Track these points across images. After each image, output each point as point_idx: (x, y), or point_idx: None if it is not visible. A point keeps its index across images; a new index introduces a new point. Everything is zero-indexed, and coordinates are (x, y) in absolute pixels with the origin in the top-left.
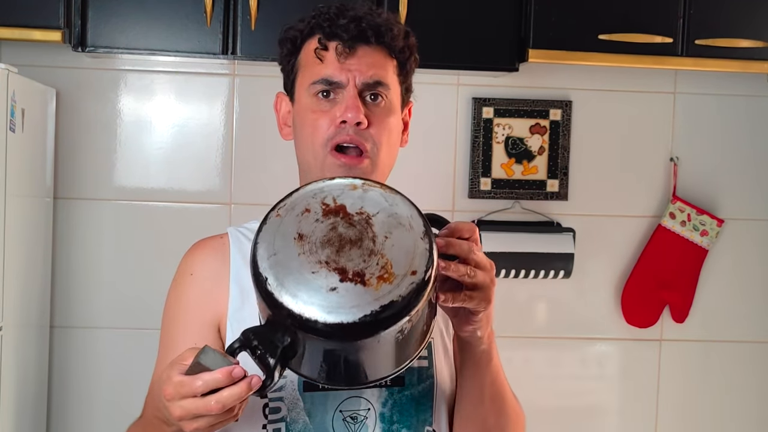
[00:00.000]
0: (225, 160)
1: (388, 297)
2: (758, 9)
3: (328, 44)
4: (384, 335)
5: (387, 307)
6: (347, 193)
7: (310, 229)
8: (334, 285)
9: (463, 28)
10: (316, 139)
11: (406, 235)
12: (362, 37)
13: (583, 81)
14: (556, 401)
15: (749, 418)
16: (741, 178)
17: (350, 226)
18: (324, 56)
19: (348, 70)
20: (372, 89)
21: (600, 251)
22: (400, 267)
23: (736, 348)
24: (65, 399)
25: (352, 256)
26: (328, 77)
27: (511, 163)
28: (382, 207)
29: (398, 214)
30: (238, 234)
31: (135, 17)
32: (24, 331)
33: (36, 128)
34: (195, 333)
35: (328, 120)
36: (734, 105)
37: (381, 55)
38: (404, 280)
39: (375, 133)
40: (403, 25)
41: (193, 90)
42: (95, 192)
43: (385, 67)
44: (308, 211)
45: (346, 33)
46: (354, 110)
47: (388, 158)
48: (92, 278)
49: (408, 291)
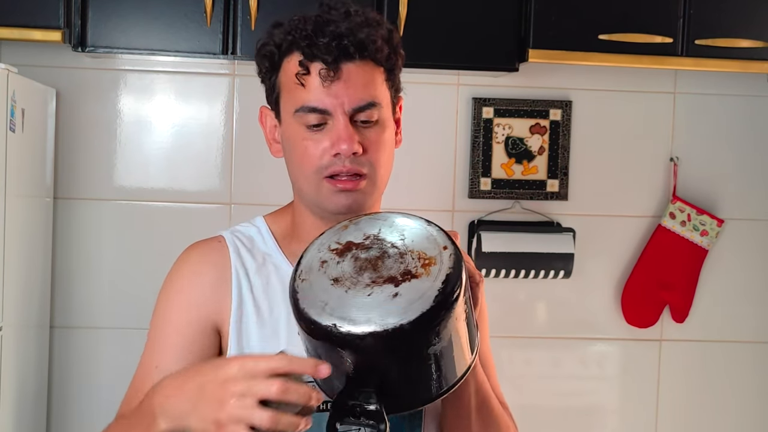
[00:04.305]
0: (225, 160)
1: (442, 274)
2: (758, 9)
3: (309, 66)
4: (458, 310)
5: (447, 281)
6: (343, 233)
7: (339, 272)
8: (394, 292)
9: (463, 27)
10: (308, 168)
11: (416, 230)
12: (345, 55)
13: (583, 81)
14: (557, 401)
15: (749, 418)
16: (741, 178)
17: (367, 250)
18: (306, 81)
19: (335, 95)
20: (363, 112)
21: (600, 251)
22: (432, 250)
23: (736, 348)
24: (65, 399)
25: (389, 266)
26: (313, 105)
27: (511, 163)
28: (378, 224)
29: (395, 221)
30: (234, 239)
31: (135, 17)
32: (24, 331)
33: (36, 128)
34: (194, 333)
35: (319, 150)
36: (734, 105)
37: (367, 69)
38: (443, 255)
39: (372, 157)
40: (385, 25)
41: (193, 90)
42: (95, 192)
43: (373, 82)
44: (325, 262)
45: (328, 54)
46: (347, 142)
47: (386, 172)
48: (92, 278)
49: (453, 261)
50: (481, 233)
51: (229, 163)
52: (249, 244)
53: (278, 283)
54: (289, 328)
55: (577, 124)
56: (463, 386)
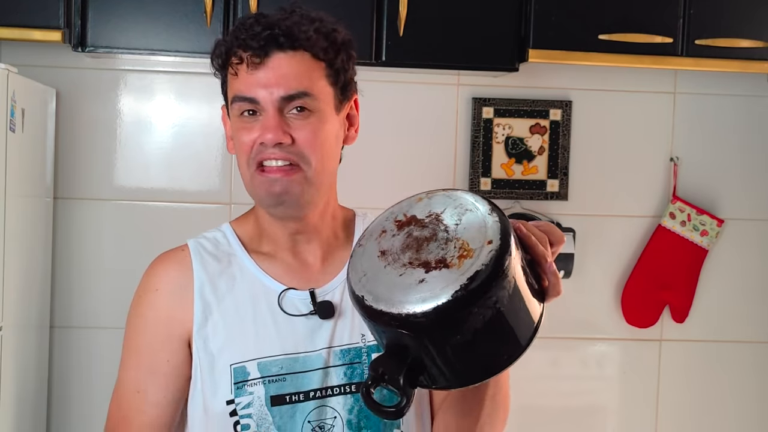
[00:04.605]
0: (225, 160)
1: (472, 269)
2: (758, 9)
3: (242, 56)
4: (482, 309)
5: (473, 278)
6: (415, 205)
7: (389, 244)
8: (422, 277)
9: (463, 27)
10: (242, 158)
11: (474, 217)
12: (274, 44)
13: (583, 81)
14: (556, 401)
15: (749, 418)
16: (741, 178)
17: (423, 228)
18: (238, 69)
19: (263, 84)
20: (294, 101)
21: (600, 251)
22: (476, 242)
23: (736, 348)
24: (65, 399)
25: (431, 249)
26: (242, 92)
27: (511, 163)
28: (448, 204)
29: (463, 203)
30: (198, 246)
31: (135, 17)
32: (24, 331)
33: (36, 128)
34: (165, 347)
35: (250, 138)
36: (734, 105)
37: (301, 60)
38: (483, 250)
39: (303, 146)
40: (331, 24)
41: (193, 90)
42: (95, 192)
43: (308, 74)
44: (384, 232)
45: (256, 41)
46: (272, 131)
47: (327, 165)
48: (92, 278)
49: (489, 258)
50: None
51: (229, 163)
52: (213, 249)
53: (244, 281)
54: (255, 325)
55: (577, 124)
56: None
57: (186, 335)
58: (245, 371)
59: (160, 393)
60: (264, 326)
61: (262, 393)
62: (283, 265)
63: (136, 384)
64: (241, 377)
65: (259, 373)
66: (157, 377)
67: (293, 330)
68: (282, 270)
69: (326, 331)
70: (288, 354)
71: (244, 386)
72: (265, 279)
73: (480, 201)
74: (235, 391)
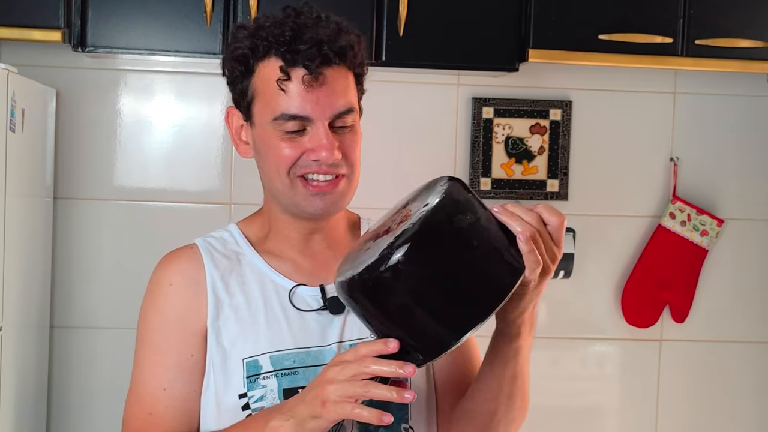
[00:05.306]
0: (225, 160)
1: (400, 229)
2: (758, 9)
3: (290, 72)
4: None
5: (400, 236)
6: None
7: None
8: (368, 246)
9: (463, 28)
10: (282, 167)
11: (428, 193)
12: (326, 62)
13: (583, 81)
14: (556, 401)
15: (749, 418)
16: (741, 178)
17: (397, 214)
18: (287, 87)
19: (316, 102)
20: (341, 118)
21: (600, 251)
22: (416, 209)
23: (736, 348)
24: (65, 399)
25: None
26: (294, 112)
27: (511, 163)
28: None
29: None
30: (207, 245)
31: (135, 17)
32: (24, 331)
33: (36, 128)
34: (188, 343)
35: (296, 150)
36: (734, 105)
37: (343, 74)
38: (416, 213)
39: (349, 161)
40: (354, 30)
41: (193, 90)
42: (95, 192)
43: (349, 88)
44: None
45: (311, 61)
46: (328, 149)
47: (359, 174)
48: (92, 278)
49: (418, 217)
50: None
51: (229, 163)
52: (222, 247)
53: (254, 279)
54: (267, 320)
55: (577, 124)
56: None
57: (202, 329)
58: (258, 365)
59: (187, 387)
60: (276, 321)
61: (275, 386)
62: (292, 262)
63: (160, 381)
64: (253, 371)
65: (272, 366)
66: (183, 373)
67: (305, 325)
68: (291, 268)
69: (337, 326)
70: (300, 348)
71: (257, 380)
72: (275, 276)
73: (442, 181)
74: (248, 385)
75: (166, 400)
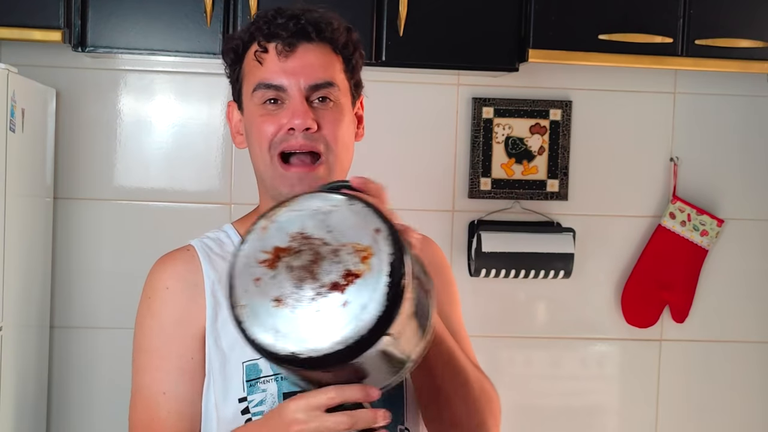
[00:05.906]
0: (225, 160)
1: (385, 264)
2: (758, 9)
3: (267, 46)
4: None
5: (392, 271)
6: (265, 237)
7: (278, 289)
8: (342, 300)
9: (463, 27)
10: (263, 144)
11: (338, 214)
12: (302, 34)
13: (583, 81)
14: (557, 401)
15: (749, 418)
16: (741, 178)
17: (298, 254)
18: (264, 58)
19: (291, 72)
20: (319, 91)
21: (600, 251)
22: (364, 237)
23: (736, 348)
24: (65, 399)
25: (327, 270)
26: (268, 80)
27: (511, 163)
28: (299, 218)
29: (316, 209)
30: (203, 246)
31: (135, 17)
32: (24, 331)
33: (36, 128)
34: (187, 346)
35: (274, 125)
36: (734, 105)
37: (325, 52)
38: (378, 242)
39: (327, 135)
40: (344, 22)
41: (193, 90)
42: (95, 192)
43: (331, 64)
44: (258, 279)
45: (285, 31)
46: (301, 115)
47: (344, 158)
48: (92, 278)
49: (390, 245)
50: (481, 233)
51: (229, 163)
52: (218, 249)
53: None
54: None
55: (577, 124)
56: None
57: (201, 333)
58: (257, 368)
59: (189, 390)
60: None
61: (275, 390)
62: None
63: (160, 386)
64: (253, 374)
65: (272, 370)
66: (185, 376)
67: None
68: None
69: None
70: None
71: (257, 383)
72: None
73: (329, 198)
74: (248, 389)
75: (167, 405)
